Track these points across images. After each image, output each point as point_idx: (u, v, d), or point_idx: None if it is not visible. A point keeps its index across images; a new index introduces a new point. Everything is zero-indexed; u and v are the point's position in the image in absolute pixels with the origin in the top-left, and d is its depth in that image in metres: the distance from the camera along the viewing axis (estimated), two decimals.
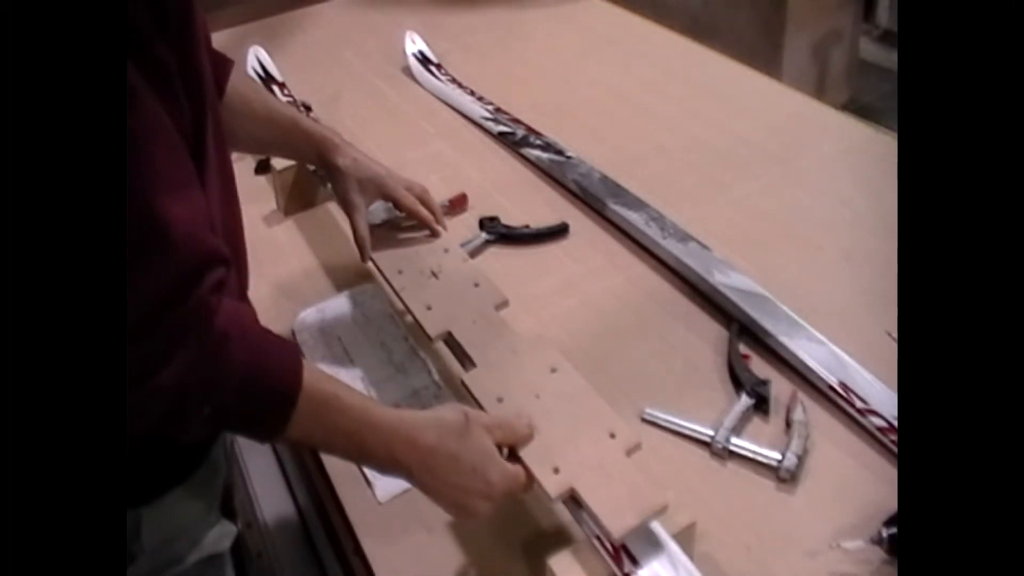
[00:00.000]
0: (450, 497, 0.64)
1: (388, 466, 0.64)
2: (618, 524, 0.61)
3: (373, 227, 0.94)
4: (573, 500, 0.65)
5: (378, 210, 0.96)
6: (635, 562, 0.61)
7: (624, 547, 0.62)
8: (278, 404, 0.59)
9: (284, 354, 0.61)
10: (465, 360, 0.79)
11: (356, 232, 0.91)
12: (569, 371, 0.73)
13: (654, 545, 0.62)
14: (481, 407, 0.71)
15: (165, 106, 0.52)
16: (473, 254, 1.02)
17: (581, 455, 0.66)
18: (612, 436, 0.67)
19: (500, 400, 0.71)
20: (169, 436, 0.58)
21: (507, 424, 0.67)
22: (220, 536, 0.71)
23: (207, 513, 0.71)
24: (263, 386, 0.59)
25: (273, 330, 0.63)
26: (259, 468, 1.04)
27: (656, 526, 0.63)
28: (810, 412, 0.80)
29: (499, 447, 0.66)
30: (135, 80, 0.49)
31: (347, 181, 0.90)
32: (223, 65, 0.82)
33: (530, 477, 0.65)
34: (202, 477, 0.69)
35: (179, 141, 0.55)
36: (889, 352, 0.80)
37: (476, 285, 0.86)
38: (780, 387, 0.83)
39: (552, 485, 0.64)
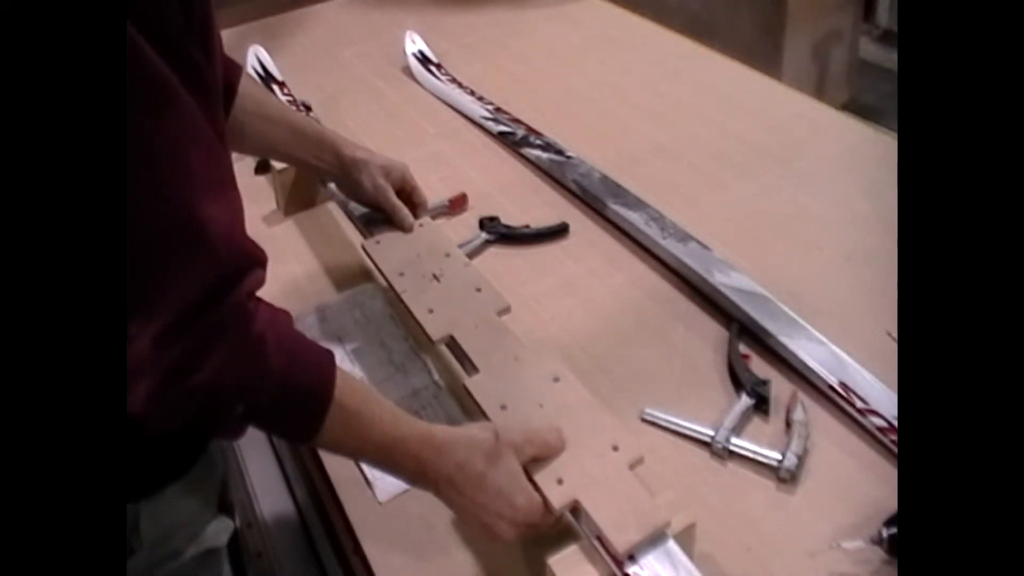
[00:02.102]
0: (475, 516, 0.64)
1: (416, 479, 0.65)
2: (622, 539, 0.61)
3: (371, 226, 0.95)
4: (575, 509, 0.65)
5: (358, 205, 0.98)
6: (635, 562, 0.61)
7: None
8: (309, 411, 0.60)
9: (318, 362, 0.62)
10: (467, 364, 0.79)
11: (395, 208, 0.94)
12: (572, 381, 0.73)
13: (654, 545, 0.62)
14: (484, 413, 0.71)
15: (200, 107, 0.53)
16: (473, 254, 1.02)
17: (584, 467, 0.66)
18: (615, 449, 0.67)
19: (504, 408, 0.71)
20: (200, 431, 0.59)
21: (539, 438, 0.67)
22: (218, 531, 0.72)
23: (204, 508, 0.71)
24: (296, 392, 0.60)
25: None
26: (258, 467, 1.04)
27: None
28: (810, 412, 0.80)
29: (534, 460, 0.66)
30: (172, 80, 0.49)
31: (373, 168, 0.94)
32: (234, 70, 0.83)
33: (548, 508, 0.65)
34: (199, 472, 0.69)
35: (216, 141, 0.55)
36: (889, 352, 0.80)
37: (478, 290, 0.86)
38: (780, 387, 0.83)
39: (556, 497, 0.64)
